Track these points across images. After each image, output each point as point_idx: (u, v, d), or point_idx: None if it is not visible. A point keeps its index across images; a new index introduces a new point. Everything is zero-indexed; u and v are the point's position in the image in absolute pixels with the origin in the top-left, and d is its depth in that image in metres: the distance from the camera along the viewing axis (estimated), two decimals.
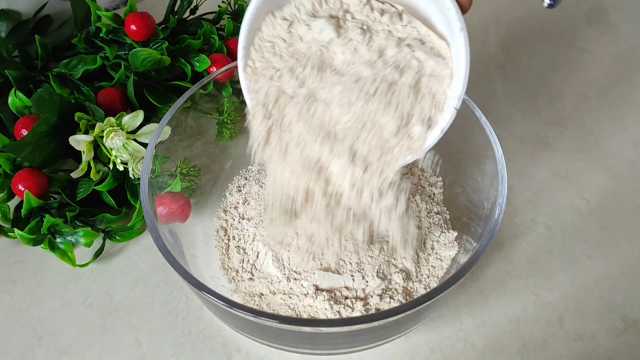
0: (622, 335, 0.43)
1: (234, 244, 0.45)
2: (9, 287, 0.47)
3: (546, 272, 0.47)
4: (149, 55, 0.50)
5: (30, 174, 0.45)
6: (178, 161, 0.46)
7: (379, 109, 0.34)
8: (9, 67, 0.52)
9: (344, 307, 0.40)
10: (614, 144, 0.55)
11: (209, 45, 0.56)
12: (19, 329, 0.44)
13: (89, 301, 0.46)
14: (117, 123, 0.46)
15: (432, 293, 0.34)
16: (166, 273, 0.47)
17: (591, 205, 0.51)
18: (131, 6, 0.52)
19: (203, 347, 0.43)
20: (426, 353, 0.42)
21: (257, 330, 0.37)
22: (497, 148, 0.40)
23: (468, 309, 0.44)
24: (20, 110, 0.49)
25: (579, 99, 0.59)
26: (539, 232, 0.49)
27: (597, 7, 0.69)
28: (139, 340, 0.43)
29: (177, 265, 0.36)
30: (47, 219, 0.45)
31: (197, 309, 0.45)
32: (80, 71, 0.52)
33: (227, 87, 0.52)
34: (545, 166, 0.53)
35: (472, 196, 0.44)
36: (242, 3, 0.60)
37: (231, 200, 0.48)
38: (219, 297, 0.34)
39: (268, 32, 0.35)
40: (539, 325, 0.44)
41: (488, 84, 0.61)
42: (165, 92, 0.53)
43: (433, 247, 0.44)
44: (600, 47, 0.64)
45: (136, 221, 0.47)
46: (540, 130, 0.56)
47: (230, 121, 0.51)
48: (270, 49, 0.36)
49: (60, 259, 0.46)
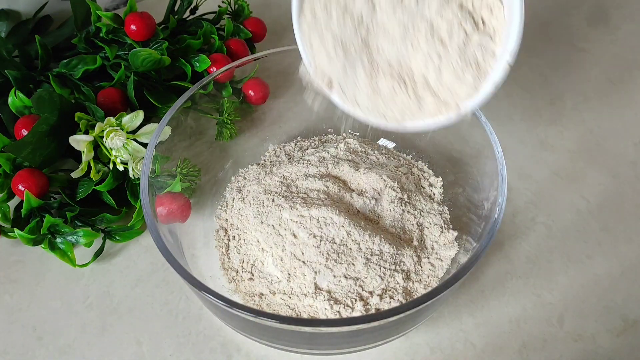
0: (622, 335, 0.43)
1: (234, 244, 0.45)
2: (9, 287, 0.47)
3: (546, 272, 0.47)
4: (149, 55, 0.50)
5: (30, 174, 0.45)
6: (178, 161, 0.47)
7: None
8: (9, 67, 0.52)
9: (344, 307, 0.40)
10: (614, 144, 0.55)
11: (209, 45, 0.56)
12: (19, 329, 0.44)
13: (89, 301, 0.46)
14: (117, 123, 0.46)
15: (432, 293, 0.34)
16: (166, 273, 0.47)
17: (591, 205, 0.51)
18: (131, 6, 0.52)
19: (203, 347, 0.43)
20: (426, 353, 0.42)
21: (257, 330, 0.37)
22: (497, 148, 0.40)
23: (468, 309, 0.44)
24: (20, 110, 0.49)
25: (579, 99, 0.59)
26: (539, 232, 0.49)
27: (597, 7, 0.69)
28: (139, 340, 0.43)
29: (177, 265, 0.36)
30: (47, 219, 0.45)
31: (197, 309, 0.45)
32: (80, 71, 0.52)
33: (227, 87, 0.52)
34: (545, 166, 0.53)
35: (472, 196, 0.44)
36: (242, 3, 0.60)
37: (231, 200, 0.48)
38: (219, 297, 0.34)
39: None
40: (538, 325, 0.44)
41: None
42: (165, 92, 0.53)
43: (433, 247, 0.44)
44: (600, 47, 0.64)
45: (136, 221, 0.47)
46: (540, 130, 0.56)
47: (230, 121, 0.51)
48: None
49: (60, 259, 0.46)
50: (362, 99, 0.36)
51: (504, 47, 0.33)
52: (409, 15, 0.34)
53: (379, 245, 0.42)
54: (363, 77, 0.35)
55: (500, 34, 0.33)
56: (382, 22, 0.34)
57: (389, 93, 0.35)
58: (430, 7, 0.33)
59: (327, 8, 0.34)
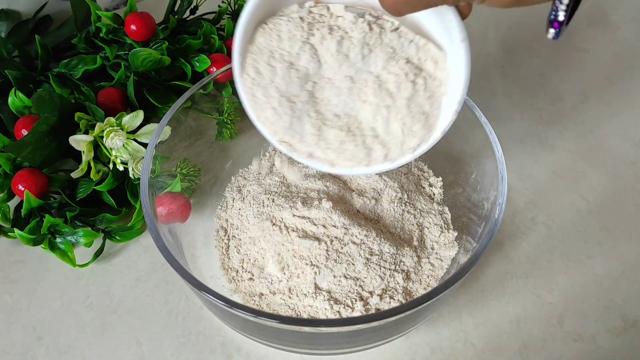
0: (622, 335, 0.43)
1: (234, 244, 0.45)
2: (9, 287, 0.47)
3: (546, 272, 0.47)
4: (149, 55, 0.50)
5: (30, 174, 0.45)
6: (178, 161, 0.47)
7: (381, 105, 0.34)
8: (9, 67, 0.52)
9: (344, 307, 0.40)
10: (614, 144, 0.55)
11: (209, 45, 0.56)
12: (19, 329, 0.44)
13: (89, 301, 0.46)
14: (117, 123, 0.46)
15: (432, 293, 0.34)
16: (166, 273, 0.47)
17: (591, 205, 0.51)
18: (131, 6, 0.52)
19: (203, 347, 0.43)
20: (426, 353, 0.42)
21: (257, 330, 0.37)
22: (497, 148, 0.40)
23: (468, 309, 0.44)
24: (20, 110, 0.49)
25: (579, 99, 0.59)
26: (539, 232, 0.49)
27: (597, 7, 0.69)
28: (139, 340, 0.43)
29: (177, 265, 0.36)
30: (47, 219, 0.45)
31: (197, 309, 0.45)
32: (80, 71, 0.52)
33: (227, 87, 0.52)
34: (545, 166, 0.53)
35: (472, 196, 0.44)
36: (242, 3, 0.60)
37: (231, 200, 0.48)
38: (219, 297, 0.34)
39: (263, 41, 0.34)
40: (538, 325, 0.44)
41: (488, 84, 0.61)
42: (165, 92, 0.53)
43: (433, 247, 0.44)
44: (600, 47, 0.64)
45: (136, 221, 0.47)
46: (540, 130, 0.56)
47: (230, 121, 0.51)
48: (267, 58, 0.35)
49: (60, 259, 0.46)
50: (313, 151, 0.36)
51: (450, 97, 0.34)
52: (355, 70, 0.34)
53: (379, 245, 0.42)
54: (310, 129, 0.35)
55: (447, 84, 0.34)
56: (327, 76, 0.34)
57: (337, 144, 0.35)
58: (377, 62, 0.34)
59: (270, 64, 0.34)
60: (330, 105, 0.35)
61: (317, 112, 0.35)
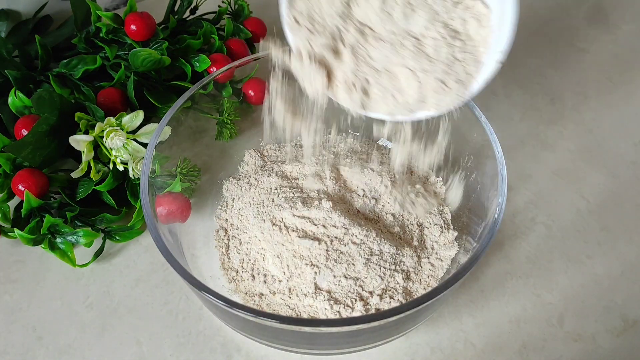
0: (622, 335, 0.43)
1: (234, 244, 0.45)
2: (9, 287, 0.47)
3: (546, 272, 0.47)
4: (149, 55, 0.50)
5: (30, 174, 0.45)
6: (178, 161, 0.47)
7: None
8: (9, 67, 0.52)
9: (344, 307, 0.40)
10: (614, 144, 0.55)
11: (209, 45, 0.56)
12: (19, 329, 0.44)
13: (89, 301, 0.46)
14: (117, 123, 0.46)
15: (432, 293, 0.34)
16: (166, 273, 0.47)
17: (591, 205, 0.51)
18: (131, 6, 0.52)
19: (203, 347, 0.43)
20: (426, 353, 0.42)
21: (257, 330, 0.37)
22: (497, 148, 0.40)
23: (468, 309, 0.44)
24: (20, 110, 0.49)
25: (579, 99, 0.59)
26: (539, 232, 0.49)
27: (597, 7, 0.69)
28: (139, 340, 0.43)
29: (177, 265, 0.36)
30: (47, 219, 0.45)
31: (197, 309, 0.45)
32: (80, 71, 0.52)
33: (227, 87, 0.52)
34: (545, 166, 0.53)
35: (472, 196, 0.44)
36: (242, 3, 0.60)
37: (231, 200, 0.48)
38: (219, 297, 0.34)
39: None
40: (538, 325, 0.44)
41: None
42: (165, 92, 0.53)
43: (433, 247, 0.44)
44: (600, 47, 0.64)
45: (136, 221, 0.47)
46: (540, 130, 0.56)
47: (230, 121, 0.51)
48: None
49: (60, 259, 0.46)
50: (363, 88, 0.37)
51: (494, 49, 0.34)
52: (397, 29, 0.35)
53: (379, 245, 0.42)
54: (350, 64, 0.36)
55: (487, 42, 0.35)
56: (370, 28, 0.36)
57: (378, 94, 0.37)
58: (418, 22, 0.35)
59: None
60: (370, 61, 0.36)
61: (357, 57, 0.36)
